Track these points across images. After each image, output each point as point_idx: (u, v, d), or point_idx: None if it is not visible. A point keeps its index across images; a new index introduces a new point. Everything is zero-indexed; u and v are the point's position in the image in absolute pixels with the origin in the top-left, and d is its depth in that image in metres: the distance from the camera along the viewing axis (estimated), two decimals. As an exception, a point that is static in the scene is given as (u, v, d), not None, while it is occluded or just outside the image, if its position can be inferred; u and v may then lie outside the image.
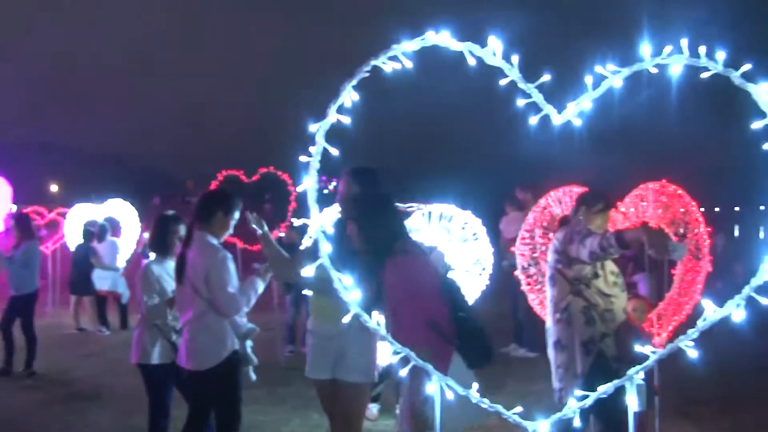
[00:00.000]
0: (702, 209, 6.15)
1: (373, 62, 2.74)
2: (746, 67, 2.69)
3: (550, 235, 6.27)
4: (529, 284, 6.57)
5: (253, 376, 4.75)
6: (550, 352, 4.75)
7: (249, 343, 4.62)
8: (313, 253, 3.31)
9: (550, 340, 4.72)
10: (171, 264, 4.90)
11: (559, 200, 6.55)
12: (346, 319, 2.88)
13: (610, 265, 4.69)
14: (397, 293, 2.95)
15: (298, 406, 6.89)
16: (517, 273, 6.79)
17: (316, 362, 4.30)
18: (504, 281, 9.21)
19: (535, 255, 6.48)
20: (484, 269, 5.78)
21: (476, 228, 5.71)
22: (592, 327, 4.49)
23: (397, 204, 5.27)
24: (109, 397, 7.47)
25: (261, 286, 4.47)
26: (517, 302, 9.11)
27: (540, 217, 6.54)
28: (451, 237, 5.63)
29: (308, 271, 3.22)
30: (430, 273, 3.47)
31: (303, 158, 2.81)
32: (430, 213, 5.62)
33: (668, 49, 2.75)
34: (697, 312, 2.78)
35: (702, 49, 2.71)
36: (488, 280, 5.88)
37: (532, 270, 6.46)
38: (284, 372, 8.09)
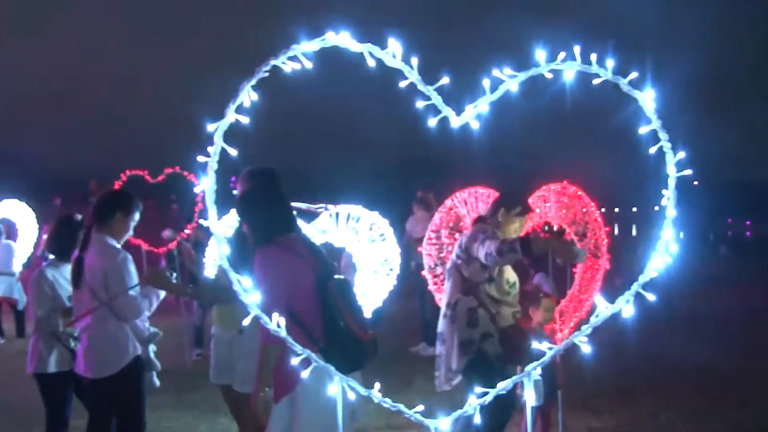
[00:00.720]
0: (602, 209, 6.41)
1: (273, 62, 2.72)
2: (633, 75, 2.83)
3: (457, 235, 6.40)
4: (435, 284, 6.68)
5: (157, 382, 4.64)
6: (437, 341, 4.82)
7: (152, 348, 4.50)
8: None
9: (438, 329, 4.79)
10: (68, 268, 4.71)
11: (465, 201, 6.69)
12: (246, 322, 2.85)
13: (508, 274, 4.76)
14: (259, 283, 2.92)
15: (206, 411, 6.75)
16: (425, 273, 6.90)
17: (218, 367, 4.24)
18: (412, 281, 9.33)
19: (441, 255, 6.60)
20: (391, 269, 5.83)
21: (384, 229, 5.76)
22: (473, 329, 4.53)
23: (303, 204, 5.25)
24: (5, 409, 7.12)
25: (163, 292, 4.36)
26: (424, 301, 9.24)
27: (446, 217, 6.67)
28: (359, 238, 5.65)
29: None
30: (300, 269, 3.42)
31: (201, 158, 2.76)
32: (338, 214, 5.63)
33: (562, 55, 2.86)
34: (596, 308, 2.90)
35: (593, 57, 2.83)
36: (396, 280, 5.93)
37: (439, 270, 6.58)
38: (192, 377, 7.92)
